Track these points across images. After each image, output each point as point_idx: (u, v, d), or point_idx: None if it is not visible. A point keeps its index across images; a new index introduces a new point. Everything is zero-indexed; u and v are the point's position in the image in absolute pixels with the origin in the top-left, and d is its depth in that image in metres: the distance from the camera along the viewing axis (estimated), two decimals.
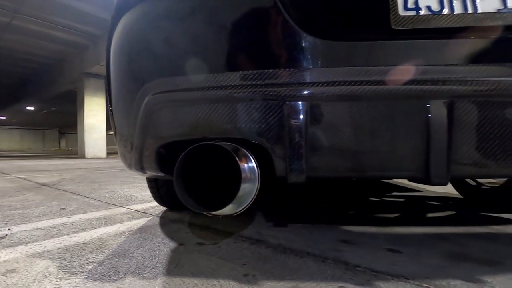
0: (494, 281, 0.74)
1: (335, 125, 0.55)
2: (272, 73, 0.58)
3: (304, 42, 0.58)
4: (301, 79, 0.57)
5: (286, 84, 0.57)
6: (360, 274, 0.79)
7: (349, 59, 0.58)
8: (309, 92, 0.56)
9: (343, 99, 0.55)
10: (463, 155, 0.53)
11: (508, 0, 0.60)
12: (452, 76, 0.54)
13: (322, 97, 0.55)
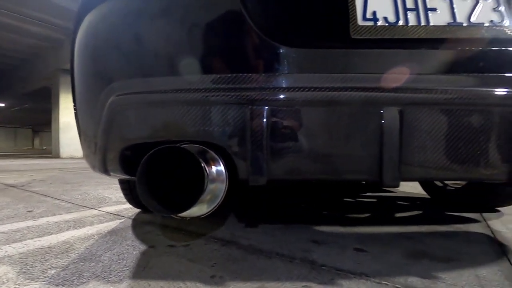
0: (447, 277, 0.79)
1: (295, 129, 0.57)
2: (234, 78, 0.59)
3: (267, 49, 0.60)
4: (263, 84, 0.58)
5: (248, 88, 0.58)
6: (324, 274, 0.81)
7: (310, 65, 0.60)
8: (270, 97, 0.57)
9: (303, 105, 0.57)
10: (413, 159, 0.57)
11: (457, 15, 0.64)
12: (404, 84, 0.58)
13: (283, 102, 0.57)
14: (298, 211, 1.65)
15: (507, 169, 0.57)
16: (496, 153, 0.57)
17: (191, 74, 0.62)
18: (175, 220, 1.40)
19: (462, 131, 0.57)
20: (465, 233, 1.21)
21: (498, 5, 0.65)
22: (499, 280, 0.77)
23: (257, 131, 0.57)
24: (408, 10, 0.64)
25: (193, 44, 0.62)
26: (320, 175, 0.58)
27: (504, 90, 0.59)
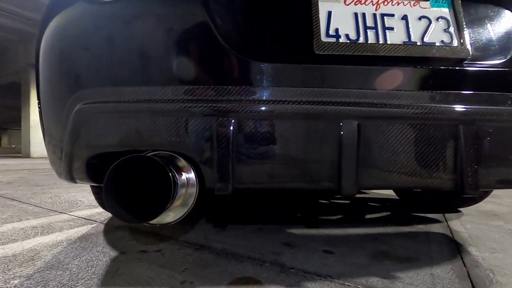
0: (405, 276, 0.84)
1: (259, 140, 0.60)
2: (202, 89, 0.61)
3: (233, 62, 0.62)
4: (230, 96, 0.60)
5: (215, 100, 0.60)
6: (292, 276, 0.84)
7: (275, 79, 0.62)
8: (237, 109, 0.59)
9: (267, 116, 0.60)
10: (369, 169, 0.61)
11: (412, 34, 0.69)
12: (362, 99, 0.62)
13: (249, 113, 0.59)
14: (273, 214, 1.69)
15: (453, 179, 0.63)
16: (443, 164, 0.62)
17: (159, 85, 0.63)
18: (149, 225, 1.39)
19: (413, 143, 0.62)
20: (426, 233, 1.29)
21: (448, 27, 0.71)
22: (451, 278, 0.84)
23: (223, 142, 0.59)
24: (368, 28, 0.68)
25: (161, 56, 0.63)
26: (283, 184, 0.61)
27: (451, 106, 0.64)
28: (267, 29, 0.67)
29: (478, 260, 0.98)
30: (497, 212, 1.73)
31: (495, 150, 0.64)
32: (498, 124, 0.66)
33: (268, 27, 0.67)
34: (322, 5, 0.68)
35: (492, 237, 1.23)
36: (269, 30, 0.67)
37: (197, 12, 0.62)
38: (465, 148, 0.62)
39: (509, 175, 0.66)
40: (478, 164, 0.62)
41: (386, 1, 0.71)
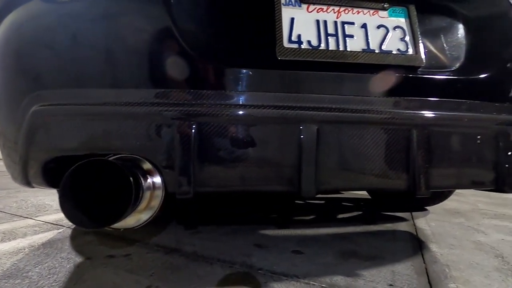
0: (367, 274, 0.88)
1: (221, 144, 0.60)
2: (163, 93, 0.61)
3: (195, 66, 0.62)
4: (191, 100, 0.60)
5: (175, 104, 0.60)
6: (259, 277, 0.85)
7: (237, 84, 0.63)
8: (198, 112, 0.60)
9: (229, 121, 0.61)
10: (327, 172, 0.63)
11: (370, 42, 0.72)
12: (321, 104, 0.64)
13: (209, 117, 0.60)
14: (249, 215, 1.70)
15: (406, 181, 0.66)
16: (397, 167, 0.66)
17: (120, 87, 0.62)
18: (111, 229, 1.36)
19: (369, 147, 0.65)
20: (393, 231, 1.35)
21: (405, 36, 0.75)
22: (410, 274, 0.88)
23: (184, 145, 0.59)
24: (329, 35, 0.71)
25: (121, 58, 0.63)
26: (244, 187, 0.62)
27: (405, 111, 0.68)
28: (230, 34, 0.68)
29: (437, 256, 1.03)
30: (460, 209, 1.83)
31: (445, 154, 0.68)
32: (449, 129, 0.70)
33: (231, 32, 0.68)
34: (285, 12, 0.70)
35: (452, 234, 1.30)
36: (232, 35, 0.68)
37: (159, 15, 0.62)
38: (417, 151, 0.65)
39: (457, 177, 0.71)
40: (429, 166, 0.66)
41: (347, 10, 0.74)
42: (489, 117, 0.72)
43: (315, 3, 0.73)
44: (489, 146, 0.71)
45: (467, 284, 0.82)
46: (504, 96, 0.75)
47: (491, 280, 0.85)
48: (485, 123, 0.72)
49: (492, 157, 0.71)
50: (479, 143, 0.72)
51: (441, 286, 0.81)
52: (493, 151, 0.71)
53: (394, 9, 0.76)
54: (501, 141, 0.72)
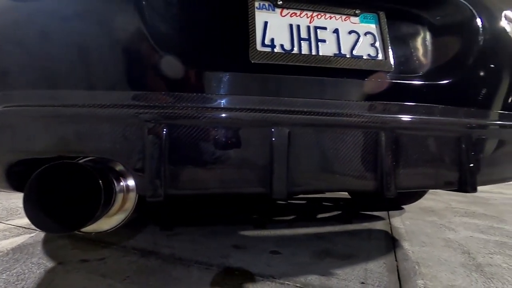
0: (341, 272, 0.90)
1: (192, 146, 0.60)
2: (134, 95, 0.60)
3: (167, 68, 0.62)
4: (163, 102, 0.60)
5: (147, 106, 0.59)
6: (235, 278, 0.86)
7: (209, 86, 0.63)
8: (170, 115, 0.59)
9: (201, 123, 0.61)
10: (299, 174, 0.64)
11: (342, 47, 0.74)
12: (293, 107, 0.65)
13: (181, 120, 0.60)
14: (230, 216, 1.70)
15: (374, 182, 0.68)
16: (366, 169, 0.68)
17: (89, 89, 0.61)
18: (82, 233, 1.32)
19: (340, 149, 0.66)
20: (369, 230, 1.39)
21: (375, 42, 0.77)
22: (381, 272, 0.91)
23: (155, 148, 0.58)
24: (302, 39, 0.72)
25: (89, 59, 0.61)
26: (216, 189, 0.62)
27: (374, 115, 0.70)
28: (203, 36, 0.68)
29: (408, 253, 1.07)
30: (434, 208, 1.91)
31: (412, 156, 0.71)
32: (415, 132, 0.73)
33: (204, 34, 0.68)
34: (258, 16, 0.71)
35: (425, 232, 1.35)
36: (205, 38, 0.68)
37: (129, 16, 0.61)
38: (385, 154, 0.68)
39: (423, 178, 0.74)
40: (396, 168, 0.69)
41: (320, 15, 0.76)
42: (453, 121, 0.76)
43: (288, 7, 0.74)
44: (453, 149, 0.75)
45: (434, 280, 0.85)
46: (466, 100, 0.79)
47: (456, 275, 0.89)
48: (449, 126, 0.76)
49: (455, 159, 0.75)
50: (444, 145, 0.75)
51: (410, 282, 0.85)
52: (456, 153, 0.75)
53: (365, 15, 0.79)
54: (464, 143, 0.75)
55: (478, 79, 0.81)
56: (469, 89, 0.80)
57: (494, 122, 0.82)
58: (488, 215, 1.74)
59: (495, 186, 3.03)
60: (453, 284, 0.83)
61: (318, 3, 0.75)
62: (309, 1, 0.75)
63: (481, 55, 0.80)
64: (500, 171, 0.85)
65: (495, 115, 0.82)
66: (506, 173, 0.87)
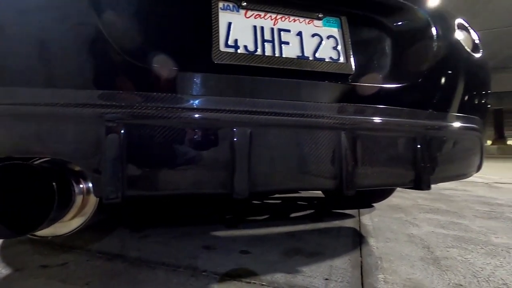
0: (307, 270, 0.92)
1: (151, 147, 0.59)
2: (90, 94, 0.58)
3: (127, 67, 0.61)
4: (121, 102, 0.59)
5: (104, 105, 0.58)
6: (202, 279, 0.86)
7: (170, 86, 0.63)
8: (126, 115, 0.58)
9: (161, 123, 0.60)
10: (260, 174, 0.65)
11: (305, 50, 0.76)
12: (256, 108, 0.66)
13: (139, 120, 0.59)
14: (203, 217, 1.68)
15: (334, 181, 0.71)
16: (327, 168, 0.70)
17: (42, 87, 0.58)
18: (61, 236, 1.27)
19: (301, 149, 0.68)
20: (339, 228, 1.42)
21: (337, 45, 0.80)
22: (346, 268, 0.94)
23: (112, 149, 0.57)
24: (266, 41, 0.73)
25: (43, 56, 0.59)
26: (177, 190, 0.61)
27: (335, 116, 0.73)
28: (164, 36, 0.67)
29: (373, 249, 1.11)
30: (401, 205, 1.99)
31: (370, 156, 0.74)
32: (374, 132, 0.76)
33: (165, 34, 0.67)
34: (222, 16, 0.71)
35: (390, 228, 1.41)
36: (166, 37, 0.67)
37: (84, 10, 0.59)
38: (345, 153, 0.70)
39: (381, 177, 0.77)
40: (355, 168, 0.72)
41: (284, 17, 0.77)
42: (409, 122, 0.80)
43: (253, 9, 0.75)
44: (409, 149, 0.79)
45: (393, 274, 0.89)
46: (422, 103, 0.83)
47: (415, 269, 0.93)
48: (405, 127, 0.80)
49: (411, 158, 0.79)
50: (401, 146, 0.79)
51: (371, 277, 0.88)
52: (412, 153, 0.79)
53: (328, 19, 0.81)
54: (419, 144, 0.79)
55: (432, 83, 0.85)
56: (424, 93, 0.85)
57: (447, 124, 0.87)
58: (450, 211, 1.84)
59: (460, 184, 3.22)
60: (411, 277, 0.87)
61: (282, 5, 0.77)
62: (273, 4, 0.76)
63: (435, 61, 0.85)
64: (452, 170, 0.90)
65: (449, 117, 0.88)
66: (458, 171, 0.92)
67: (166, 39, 0.67)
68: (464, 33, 0.95)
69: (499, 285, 0.84)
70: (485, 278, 0.87)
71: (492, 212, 1.82)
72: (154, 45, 0.66)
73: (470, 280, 0.86)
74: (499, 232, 1.38)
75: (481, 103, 0.98)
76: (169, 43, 0.68)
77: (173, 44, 0.68)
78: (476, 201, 2.21)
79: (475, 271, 0.92)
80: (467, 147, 0.93)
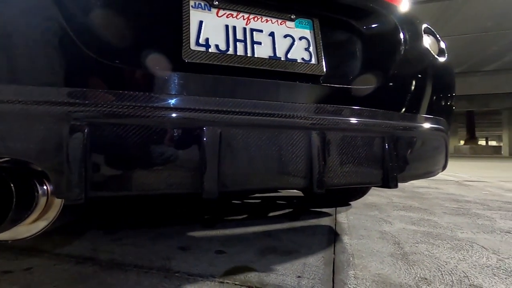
0: (281, 268, 0.93)
1: (115, 146, 0.58)
2: (52, 91, 0.56)
3: (92, 65, 0.59)
4: (85, 99, 0.57)
5: (67, 103, 0.56)
6: (174, 280, 0.84)
7: (138, 84, 0.62)
8: (90, 113, 0.56)
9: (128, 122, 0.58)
10: (230, 174, 0.65)
11: (277, 50, 0.77)
12: (226, 107, 0.66)
13: (105, 118, 0.57)
14: (179, 217, 1.66)
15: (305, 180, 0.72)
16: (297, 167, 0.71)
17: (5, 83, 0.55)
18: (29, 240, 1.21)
19: (271, 149, 0.69)
20: (315, 226, 1.45)
21: (309, 46, 0.81)
22: (318, 265, 0.96)
23: (75, 148, 0.55)
24: (238, 41, 0.73)
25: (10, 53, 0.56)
26: (145, 191, 0.60)
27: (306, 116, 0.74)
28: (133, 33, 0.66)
29: (346, 246, 1.14)
30: (377, 203, 2.05)
31: (339, 155, 0.76)
32: (344, 133, 0.78)
33: (134, 31, 0.66)
34: (193, 15, 0.70)
35: (364, 225, 1.45)
36: (135, 35, 0.66)
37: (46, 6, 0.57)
38: (315, 153, 0.72)
39: (351, 176, 0.79)
40: (325, 167, 0.73)
41: (256, 18, 0.77)
42: (378, 123, 0.83)
43: (225, 8, 0.75)
44: (377, 149, 0.82)
45: (363, 270, 0.92)
46: (389, 104, 0.87)
47: (384, 264, 0.97)
48: (374, 128, 0.82)
49: (379, 157, 0.82)
50: (369, 146, 0.81)
51: (342, 273, 0.90)
52: (380, 153, 0.82)
53: (300, 21, 0.82)
54: (387, 144, 0.82)
55: (400, 85, 0.89)
56: (392, 94, 0.88)
57: (414, 124, 0.91)
58: (422, 208, 1.92)
59: (433, 183, 3.36)
60: (380, 273, 0.90)
61: (254, 6, 0.77)
62: (246, 4, 0.76)
63: (402, 64, 0.88)
64: (419, 168, 0.94)
65: (415, 118, 0.91)
66: (424, 169, 0.97)
67: (134, 36, 0.66)
68: (430, 37, 1.00)
69: (460, 277, 0.88)
70: (449, 271, 0.92)
71: (460, 209, 1.92)
72: (121, 42, 0.64)
73: (435, 274, 0.90)
74: (465, 227, 1.45)
75: (446, 105, 1.03)
76: (137, 40, 0.66)
77: (141, 41, 0.66)
78: (447, 199, 2.32)
79: (440, 265, 0.97)
80: (433, 147, 0.97)
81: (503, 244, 1.20)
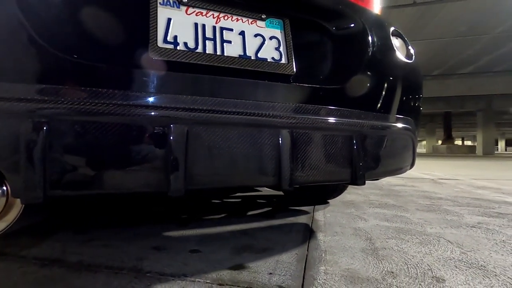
0: (254, 265, 0.94)
1: (78, 143, 0.57)
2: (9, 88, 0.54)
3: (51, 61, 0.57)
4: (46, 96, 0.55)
5: (26, 100, 0.54)
6: (145, 280, 0.83)
7: (101, 81, 0.60)
8: (51, 110, 0.55)
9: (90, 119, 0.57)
10: (197, 172, 0.65)
11: (247, 49, 0.78)
12: (193, 105, 0.66)
13: (67, 116, 0.56)
14: (156, 216, 1.64)
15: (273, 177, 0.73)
16: (265, 164, 0.72)
17: None
18: None
19: (239, 147, 0.69)
20: (292, 224, 1.47)
21: (279, 46, 0.82)
22: (291, 262, 0.97)
23: (33, 146, 0.53)
24: (207, 39, 0.73)
25: None
26: (107, 190, 0.59)
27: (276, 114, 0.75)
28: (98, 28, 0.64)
29: (320, 243, 1.17)
30: (354, 201, 2.10)
31: (308, 153, 0.78)
32: (312, 131, 0.80)
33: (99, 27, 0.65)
34: (161, 12, 0.70)
35: (340, 223, 1.49)
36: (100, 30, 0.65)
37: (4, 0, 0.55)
38: (283, 151, 0.73)
39: (319, 174, 0.81)
40: (293, 165, 0.74)
41: (227, 16, 0.78)
42: (346, 122, 0.85)
43: (194, 6, 0.74)
44: (346, 147, 0.84)
45: (334, 266, 0.94)
46: (358, 104, 0.89)
47: (354, 260, 1.00)
48: (342, 126, 0.85)
49: (347, 156, 0.84)
50: (338, 144, 0.84)
51: (313, 269, 0.92)
52: (348, 151, 0.84)
53: (271, 21, 0.83)
54: (355, 142, 0.85)
55: (368, 85, 0.92)
56: (361, 94, 0.91)
57: (382, 124, 0.94)
58: (396, 205, 1.98)
59: (409, 181, 3.48)
60: (349, 268, 0.93)
61: (225, 4, 0.77)
62: (216, 2, 0.76)
63: (370, 64, 0.91)
64: (386, 166, 0.98)
65: (384, 117, 0.95)
66: (392, 167, 1.00)
67: (99, 31, 0.65)
68: (398, 40, 1.03)
69: (425, 270, 0.92)
70: (414, 265, 0.96)
71: (432, 205, 2.00)
72: (84, 37, 0.63)
73: (401, 267, 0.94)
74: (434, 223, 1.52)
75: (414, 105, 1.07)
76: (101, 36, 0.65)
77: (106, 37, 0.65)
78: (421, 196, 2.41)
79: (407, 259, 1.01)
80: (400, 145, 1.01)
81: (468, 238, 1.26)
